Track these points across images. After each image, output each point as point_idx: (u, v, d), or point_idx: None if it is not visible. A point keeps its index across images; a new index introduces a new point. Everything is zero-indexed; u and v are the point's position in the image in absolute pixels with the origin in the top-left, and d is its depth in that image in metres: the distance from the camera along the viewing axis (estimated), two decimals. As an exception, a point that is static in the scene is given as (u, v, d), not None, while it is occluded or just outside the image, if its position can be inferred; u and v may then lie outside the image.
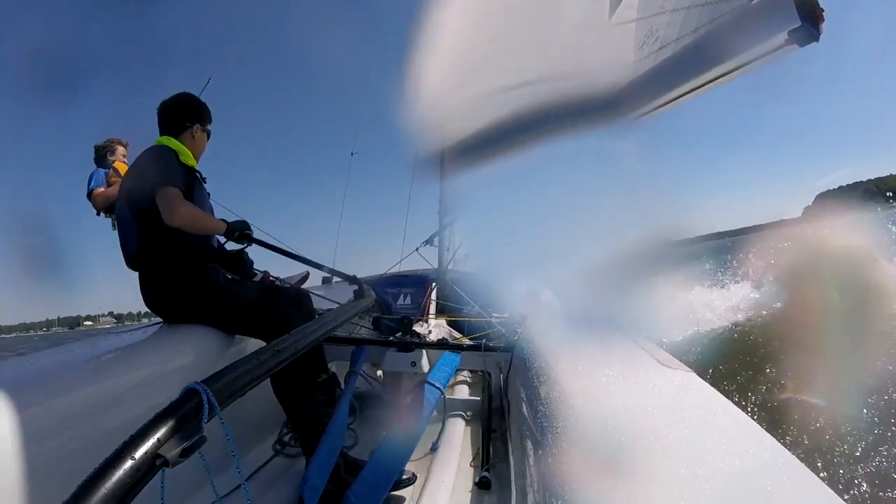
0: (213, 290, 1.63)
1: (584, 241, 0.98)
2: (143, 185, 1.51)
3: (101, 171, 2.71)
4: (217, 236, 1.74)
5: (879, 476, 2.79)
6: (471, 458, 1.62)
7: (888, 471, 2.80)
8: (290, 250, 2.00)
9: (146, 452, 0.53)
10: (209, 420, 0.62)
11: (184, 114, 1.71)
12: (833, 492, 0.55)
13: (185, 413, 0.59)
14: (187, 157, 1.65)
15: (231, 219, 1.76)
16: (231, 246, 1.82)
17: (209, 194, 1.78)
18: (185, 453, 0.56)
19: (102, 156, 2.72)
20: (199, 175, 1.70)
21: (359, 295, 1.96)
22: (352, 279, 2.06)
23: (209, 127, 1.78)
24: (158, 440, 0.54)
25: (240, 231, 1.72)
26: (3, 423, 0.94)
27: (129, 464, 0.51)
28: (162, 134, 1.70)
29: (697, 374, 0.95)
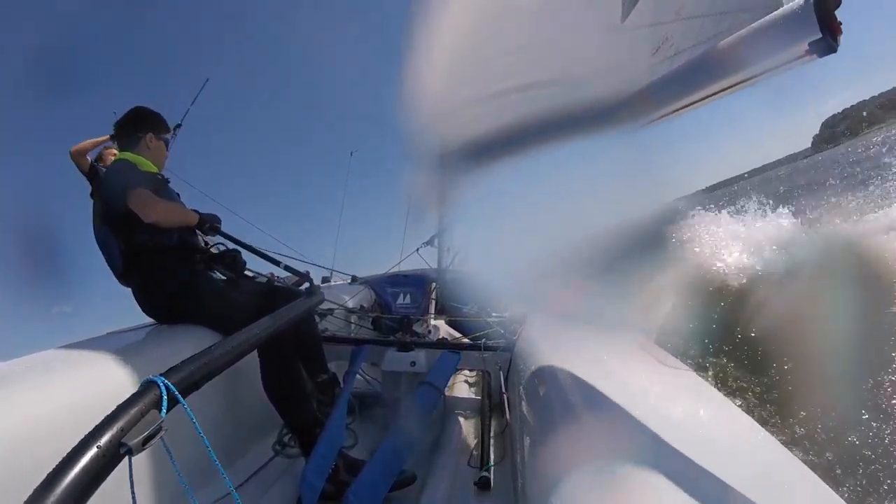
0: (208, 291, 1.64)
1: (584, 237, 0.97)
2: (113, 196, 1.55)
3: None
4: (202, 238, 1.78)
5: (880, 476, 2.79)
6: (470, 458, 1.62)
7: (889, 472, 2.80)
8: (258, 247, 2.02)
9: (110, 441, 0.56)
10: (169, 410, 0.65)
11: (133, 126, 1.77)
12: (833, 491, 0.55)
13: (146, 404, 0.62)
14: (146, 165, 1.69)
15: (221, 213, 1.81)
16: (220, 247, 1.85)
17: (178, 194, 1.83)
18: (147, 441, 0.59)
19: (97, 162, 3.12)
20: (162, 177, 1.75)
21: (309, 293, 2.03)
22: (303, 276, 2.09)
23: (166, 136, 1.84)
24: (121, 429, 0.57)
25: (210, 223, 1.76)
26: (2, 423, 0.94)
27: (94, 451, 0.54)
28: (121, 150, 1.78)
29: (697, 374, 0.96)
